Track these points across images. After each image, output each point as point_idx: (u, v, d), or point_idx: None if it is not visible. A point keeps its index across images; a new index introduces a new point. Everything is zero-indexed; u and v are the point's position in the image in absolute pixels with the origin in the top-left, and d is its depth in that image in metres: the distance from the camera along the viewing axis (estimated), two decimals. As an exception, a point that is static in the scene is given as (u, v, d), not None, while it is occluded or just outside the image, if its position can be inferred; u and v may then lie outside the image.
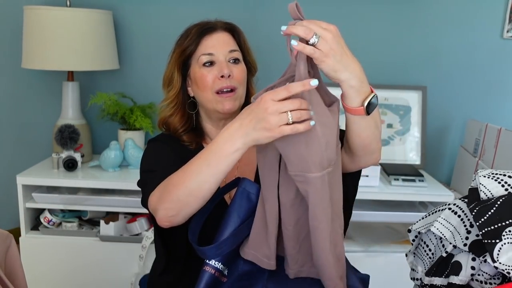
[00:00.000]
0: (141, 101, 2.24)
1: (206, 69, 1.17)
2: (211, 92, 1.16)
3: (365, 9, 2.32)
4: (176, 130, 1.22)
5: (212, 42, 1.18)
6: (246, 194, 1.03)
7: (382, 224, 2.23)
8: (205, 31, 1.19)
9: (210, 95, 1.17)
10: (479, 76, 2.39)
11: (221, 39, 1.19)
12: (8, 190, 2.26)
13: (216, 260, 1.01)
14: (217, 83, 1.16)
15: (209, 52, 1.17)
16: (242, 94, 1.20)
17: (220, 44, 1.18)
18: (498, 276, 0.86)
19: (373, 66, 2.36)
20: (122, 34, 2.30)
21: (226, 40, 1.20)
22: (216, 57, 1.17)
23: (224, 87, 1.16)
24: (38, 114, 2.39)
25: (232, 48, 1.19)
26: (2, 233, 1.10)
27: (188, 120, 1.23)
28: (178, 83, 1.22)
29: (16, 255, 1.13)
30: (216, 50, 1.18)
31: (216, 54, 1.17)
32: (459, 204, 0.96)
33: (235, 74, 1.17)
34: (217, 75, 1.16)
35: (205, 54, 1.17)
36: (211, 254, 1.00)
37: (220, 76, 1.16)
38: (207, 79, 1.16)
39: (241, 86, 1.19)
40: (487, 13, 2.32)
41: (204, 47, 1.18)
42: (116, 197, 1.99)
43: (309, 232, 0.94)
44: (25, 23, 2.03)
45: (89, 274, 2.01)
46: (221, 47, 1.18)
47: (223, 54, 1.18)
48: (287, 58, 0.96)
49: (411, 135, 2.33)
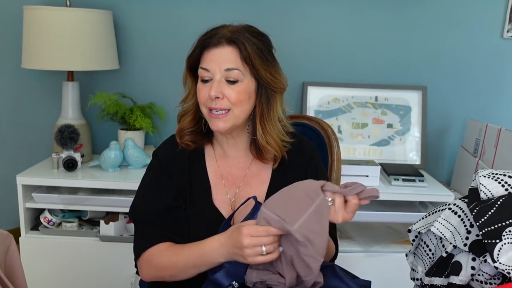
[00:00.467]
0: (141, 101, 2.24)
1: (202, 84, 1.11)
2: (204, 107, 1.12)
3: (365, 9, 2.32)
4: (183, 128, 1.19)
5: (210, 57, 1.09)
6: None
7: (382, 224, 2.23)
8: (208, 44, 1.09)
9: (205, 110, 1.13)
10: (479, 76, 2.39)
11: (221, 55, 1.08)
12: (8, 190, 2.26)
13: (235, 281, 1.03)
14: (208, 101, 1.10)
15: (206, 67, 1.10)
16: (239, 114, 1.11)
17: (218, 61, 1.08)
18: (498, 276, 0.86)
19: (373, 66, 2.37)
20: (122, 34, 2.30)
21: (226, 57, 1.08)
22: (211, 73, 1.09)
23: (213, 108, 1.10)
24: (38, 114, 2.39)
25: (229, 66, 1.08)
26: (2, 233, 1.10)
27: (198, 123, 1.19)
28: (192, 89, 1.17)
29: (16, 255, 1.13)
30: (212, 66, 1.08)
31: (212, 71, 1.09)
32: (459, 204, 0.96)
33: (228, 95, 1.08)
34: (209, 94, 1.09)
35: (203, 68, 1.10)
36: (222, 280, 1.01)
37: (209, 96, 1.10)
38: (201, 94, 1.11)
39: (236, 107, 1.09)
40: (487, 13, 2.32)
41: (203, 61, 1.10)
42: (116, 197, 1.99)
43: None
44: (25, 23, 2.03)
45: (89, 274, 2.01)
46: (218, 64, 1.08)
47: (219, 72, 1.08)
48: (287, 57, 0.95)
49: (411, 135, 2.33)
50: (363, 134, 2.32)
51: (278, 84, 1.13)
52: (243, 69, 1.09)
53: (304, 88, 2.33)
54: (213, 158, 1.21)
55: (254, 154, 1.18)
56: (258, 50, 1.09)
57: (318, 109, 2.33)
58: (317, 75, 2.36)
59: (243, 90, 1.09)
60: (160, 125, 2.29)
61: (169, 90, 2.24)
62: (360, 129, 2.32)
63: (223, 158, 1.21)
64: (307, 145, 1.24)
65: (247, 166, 1.21)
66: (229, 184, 1.20)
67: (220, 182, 1.19)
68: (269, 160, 1.18)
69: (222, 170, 1.20)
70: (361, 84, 2.33)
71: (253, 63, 1.09)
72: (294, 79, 2.34)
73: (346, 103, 2.34)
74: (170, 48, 2.30)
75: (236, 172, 1.20)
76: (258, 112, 1.13)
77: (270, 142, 1.14)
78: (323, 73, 2.36)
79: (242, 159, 1.21)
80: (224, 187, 1.19)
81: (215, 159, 1.21)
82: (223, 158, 1.21)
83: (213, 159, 1.21)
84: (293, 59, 2.31)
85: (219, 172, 1.20)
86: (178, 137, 1.20)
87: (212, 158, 1.21)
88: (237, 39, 1.08)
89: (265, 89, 1.12)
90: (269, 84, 1.12)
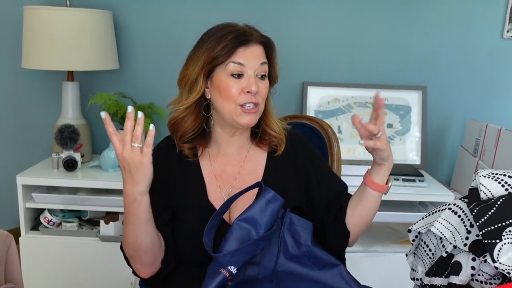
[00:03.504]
0: (141, 101, 2.24)
1: (233, 80, 1.12)
2: (234, 104, 1.12)
3: (365, 9, 2.32)
4: (184, 134, 1.18)
5: (246, 53, 1.12)
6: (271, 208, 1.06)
7: (382, 224, 2.23)
8: (242, 42, 1.12)
9: (233, 106, 1.13)
10: (479, 76, 2.39)
11: (255, 52, 1.13)
12: (8, 190, 2.26)
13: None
14: (242, 97, 1.12)
15: (240, 61, 1.11)
16: (262, 109, 1.18)
17: (253, 57, 1.13)
18: (498, 276, 0.86)
19: (373, 66, 2.37)
20: (122, 34, 2.30)
21: (259, 53, 1.14)
22: (245, 68, 1.12)
23: (249, 102, 1.12)
24: (38, 114, 2.39)
25: (263, 60, 1.15)
26: (2, 233, 1.10)
27: (199, 123, 1.19)
28: (202, 88, 1.15)
29: (15, 255, 1.14)
30: (247, 61, 1.12)
31: (247, 66, 1.12)
32: (459, 204, 0.96)
33: (261, 90, 1.14)
34: (244, 89, 1.12)
35: (235, 63, 1.11)
36: (224, 261, 1.00)
37: (246, 91, 1.12)
38: (232, 91, 1.12)
39: (263, 102, 1.17)
40: (487, 13, 2.33)
41: (237, 56, 1.12)
42: (116, 197, 1.99)
43: None
44: (25, 23, 2.03)
45: (89, 274, 2.01)
46: (253, 59, 1.13)
47: (253, 67, 1.12)
48: (287, 57, 0.96)
49: (411, 135, 2.33)
50: (363, 134, 2.32)
51: (277, 78, 1.23)
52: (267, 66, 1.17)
53: (304, 88, 2.33)
54: (207, 157, 1.22)
55: (254, 142, 1.24)
56: (276, 52, 1.20)
57: (318, 109, 2.33)
58: (317, 75, 2.36)
59: (268, 85, 1.18)
60: (160, 125, 2.29)
61: (169, 90, 2.21)
62: (360, 129, 2.32)
63: (217, 156, 1.22)
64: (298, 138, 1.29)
65: (241, 164, 1.22)
66: (223, 182, 1.20)
67: (214, 180, 1.20)
68: (266, 145, 1.23)
69: (216, 169, 1.21)
70: (361, 84, 2.33)
71: (273, 62, 1.19)
72: (294, 79, 2.34)
73: (346, 103, 2.34)
74: (170, 48, 2.30)
75: (230, 169, 1.21)
76: (268, 105, 1.21)
77: (276, 130, 1.22)
78: (323, 73, 2.36)
79: (236, 156, 1.22)
80: (218, 185, 1.20)
81: (209, 158, 1.22)
82: (217, 156, 1.22)
83: (207, 158, 1.22)
84: (293, 59, 2.31)
85: (213, 171, 1.21)
86: (180, 143, 1.19)
87: (206, 157, 1.22)
88: (267, 39, 1.17)
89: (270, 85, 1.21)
90: (274, 81, 1.22)
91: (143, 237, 1.07)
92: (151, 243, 1.08)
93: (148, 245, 1.08)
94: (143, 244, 1.07)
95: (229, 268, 0.99)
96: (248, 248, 1.00)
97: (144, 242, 1.07)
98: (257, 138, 1.22)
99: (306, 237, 1.08)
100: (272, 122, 1.22)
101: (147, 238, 1.07)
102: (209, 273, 1.02)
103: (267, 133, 1.22)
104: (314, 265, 1.06)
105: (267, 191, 1.06)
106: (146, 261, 1.11)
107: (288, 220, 1.09)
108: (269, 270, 1.06)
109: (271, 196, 1.05)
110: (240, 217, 1.05)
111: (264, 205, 1.05)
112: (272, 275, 1.06)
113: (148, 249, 1.09)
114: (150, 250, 1.09)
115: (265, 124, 1.21)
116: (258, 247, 1.02)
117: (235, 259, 0.99)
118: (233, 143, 1.21)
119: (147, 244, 1.08)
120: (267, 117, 1.21)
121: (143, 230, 1.06)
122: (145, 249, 1.08)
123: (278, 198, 1.06)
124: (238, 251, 1.00)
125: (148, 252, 1.09)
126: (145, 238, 1.07)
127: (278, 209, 1.06)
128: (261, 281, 1.05)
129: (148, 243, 1.08)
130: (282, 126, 1.24)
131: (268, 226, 1.04)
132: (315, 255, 1.07)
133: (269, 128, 1.21)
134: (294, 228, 1.09)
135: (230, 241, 1.02)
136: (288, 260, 1.07)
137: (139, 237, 1.06)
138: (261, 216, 1.04)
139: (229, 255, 0.99)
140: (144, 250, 1.08)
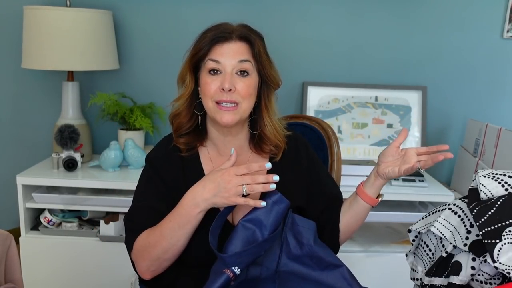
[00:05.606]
0: (141, 101, 2.24)
1: (211, 77, 1.12)
2: (211, 100, 1.13)
3: (365, 10, 2.32)
4: (180, 128, 1.20)
5: (222, 50, 1.12)
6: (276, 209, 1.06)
7: (382, 224, 2.23)
8: (219, 38, 1.12)
9: (210, 104, 1.13)
10: (479, 76, 2.39)
11: (233, 49, 1.12)
12: (8, 190, 2.26)
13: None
14: (218, 94, 1.12)
15: (216, 59, 1.12)
16: (246, 108, 1.14)
17: (230, 53, 1.12)
18: (498, 276, 0.86)
19: (373, 66, 2.37)
20: (122, 34, 2.30)
21: (238, 50, 1.13)
22: (222, 66, 1.12)
23: (224, 100, 1.11)
24: (38, 114, 2.39)
25: (242, 58, 1.12)
26: (2, 233, 1.11)
27: (193, 120, 1.20)
28: (190, 84, 1.17)
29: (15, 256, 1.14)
30: (224, 58, 1.12)
31: (223, 63, 1.12)
32: (459, 204, 0.96)
33: (239, 88, 1.12)
34: (219, 86, 1.11)
35: (212, 60, 1.12)
36: (230, 261, 1.00)
37: (221, 88, 1.11)
38: (209, 87, 1.12)
39: (245, 100, 1.13)
40: (487, 13, 2.32)
41: (213, 53, 1.13)
42: (116, 197, 1.99)
43: None
44: (25, 23, 2.03)
45: (89, 274, 2.01)
46: (230, 56, 1.12)
47: (230, 64, 1.11)
48: (287, 57, 0.96)
49: (411, 135, 2.33)
50: (363, 134, 2.32)
51: (277, 81, 1.20)
52: (253, 63, 1.15)
53: (304, 88, 2.33)
54: (208, 158, 1.22)
55: (253, 149, 1.22)
56: (263, 48, 1.17)
57: (318, 109, 2.33)
58: (317, 75, 2.36)
59: (252, 84, 1.14)
60: (160, 125, 2.29)
61: (169, 90, 2.21)
62: (360, 129, 2.32)
63: (218, 157, 1.22)
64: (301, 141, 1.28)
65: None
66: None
67: None
68: (267, 153, 1.21)
69: None
70: (361, 84, 2.33)
71: (261, 59, 1.15)
72: (294, 79, 2.34)
73: (346, 103, 2.34)
74: (170, 48, 2.30)
75: None
76: (263, 106, 1.19)
77: (274, 134, 1.20)
78: (323, 73, 2.36)
79: (238, 157, 1.22)
80: None
81: (210, 159, 1.22)
82: (218, 157, 1.22)
83: (208, 159, 1.22)
84: (293, 59, 2.31)
85: None
86: (175, 136, 1.21)
87: (207, 158, 1.22)
88: (249, 36, 1.14)
89: (266, 86, 1.18)
90: (271, 81, 1.18)
91: (184, 242, 1.09)
92: (178, 252, 1.10)
93: (176, 253, 1.10)
94: (178, 248, 1.09)
95: (233, 269, 0.99)
96: (254, 249, 1.01)
97: (181, 247, 1.09)
98: (254, 142, 1.21)
99: (308, 237, 1.08)
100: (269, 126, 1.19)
101: (184, 244, 1.09)
102: (213, 272, 1.02)
103: (266, 137, 1.20)
104: (316, 265, 1.07)
105: (273, 192, 1.06)
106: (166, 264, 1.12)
107: (290, 220, 1.09)
108: (271, 270, 1.06)
109: (277, 197, 1.06)
110: (245, 217, 1.05)
111: (270, 206, 1.05)
112: (275, 275, 1.06)
113: (173, 257, 1.11)
114: (174, 258, 1.11)
115: (267, 127, 1.19)
116: (263, 248, 1.03)
117: (241, 260, 1.00)
118: (229, 143, 1.20)
119: (180, 249, 1.10)
120: (263, 121, 1.19)
121: (185, 238, 1.08)
122: (171, 256, 1.10)
123: (284, 200, 1.06)
124: (245, 252, 1.00)
125: (176, 255, 1.11)
126: (181, 246, 1.09)
127: (283, 211, 1.06)
128: (264, 281, 1.05)
129: (179, 251, 1.10)
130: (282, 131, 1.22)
131: (273, 228, 1.05)
132: (317, 256, 1.07)
133: (264, 133, 1.19)
134: (296, 229, 1.09)
135: (235, 242, 1.03)
136: (290, 260, 1.07)
137: (180, 241, 1.08)
138: (266, 217, 1.05)
139: (235, 256, 0.99)
140: (170, 256, 1.10)
